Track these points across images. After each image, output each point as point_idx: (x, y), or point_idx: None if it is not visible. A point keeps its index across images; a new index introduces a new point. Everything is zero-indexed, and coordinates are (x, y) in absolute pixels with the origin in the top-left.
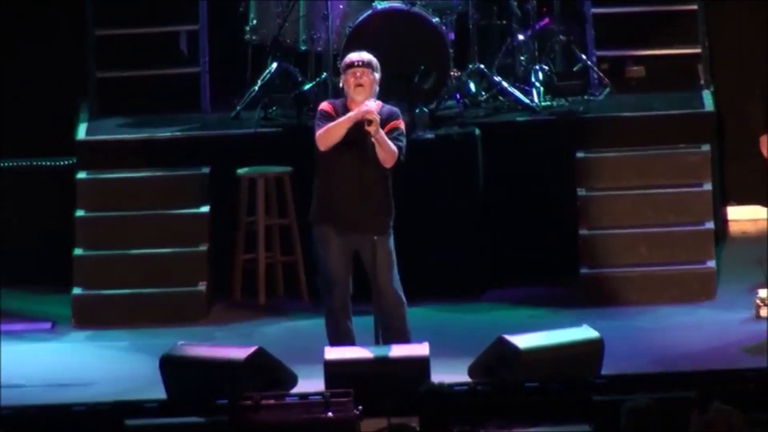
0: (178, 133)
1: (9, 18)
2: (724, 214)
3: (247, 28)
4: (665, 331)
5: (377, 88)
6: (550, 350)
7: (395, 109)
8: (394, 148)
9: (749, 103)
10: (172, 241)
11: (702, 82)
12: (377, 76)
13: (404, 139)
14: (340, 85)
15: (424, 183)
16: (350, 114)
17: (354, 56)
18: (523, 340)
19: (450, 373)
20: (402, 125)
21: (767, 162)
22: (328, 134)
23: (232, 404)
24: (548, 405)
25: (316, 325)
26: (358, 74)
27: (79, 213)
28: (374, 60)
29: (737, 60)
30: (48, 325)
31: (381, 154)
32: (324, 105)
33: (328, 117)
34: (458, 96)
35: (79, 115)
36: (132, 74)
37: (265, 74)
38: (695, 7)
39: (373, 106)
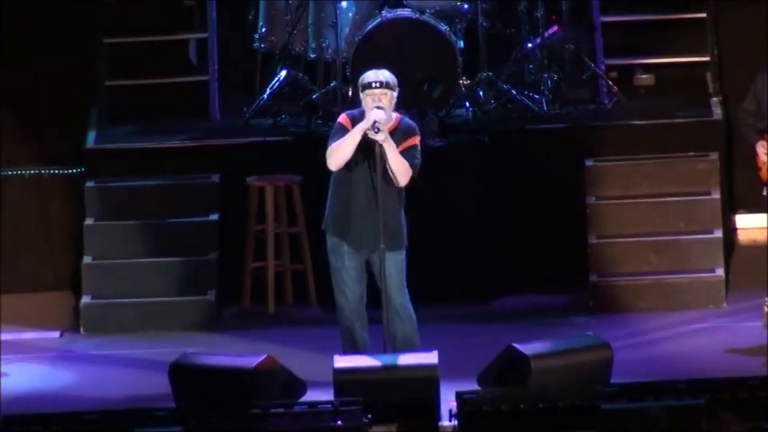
0: (188, 141)
1: (19, 26)
2: (733, 223)
3: (256, 36)
4: (674, 339)
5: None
6: (559, 358)
7: (413, 124)
8: (405, 163)
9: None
10: (181, 249)
11: (710, 90)
12: (395, 93)
13: (420, 157)
14: (350, 93)
15: (433, 191)
16: (357, 127)
17: (372, 77)
18: (532, 348)
19: (459, 381)
20: (418, 141)
21: (759, 168)
22: (337, 152)
23: (241, 412)
24: (557, 413)
25: (325, 333)
26: (377, 96)
27: (88, 221)
28: (392, 78)
29: (746, 68)
30: (57, 334)
31: (392, 168)
32: (341, 118)
33: (345, 131)
34: (467, 104)
35: (88, 123)
36: (141, 82)
37: (274, 82)
38: (704, 15)
39: (381, 114)
